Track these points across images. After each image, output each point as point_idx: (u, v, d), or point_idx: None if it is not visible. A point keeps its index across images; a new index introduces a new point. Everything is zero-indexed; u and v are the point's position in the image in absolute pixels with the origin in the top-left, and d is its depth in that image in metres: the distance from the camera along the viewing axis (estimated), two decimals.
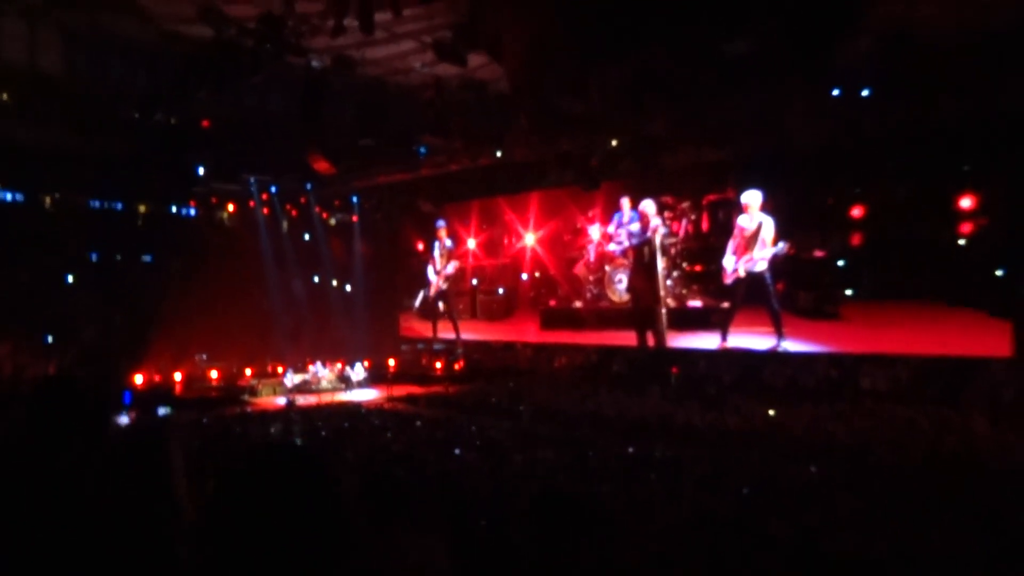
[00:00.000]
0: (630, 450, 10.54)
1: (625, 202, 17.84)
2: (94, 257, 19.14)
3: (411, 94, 16.67)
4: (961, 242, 13.48)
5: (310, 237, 22.95)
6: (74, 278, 18.43)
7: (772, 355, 15.53)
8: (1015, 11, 10.59)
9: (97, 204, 19.28)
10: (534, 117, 14.24)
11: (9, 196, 17.89)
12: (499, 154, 17.17)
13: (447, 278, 22.05)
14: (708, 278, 17.05)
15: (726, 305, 16.29)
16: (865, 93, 12.58)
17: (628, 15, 9.79)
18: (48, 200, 18.31)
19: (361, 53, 14.18)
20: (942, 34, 11.42)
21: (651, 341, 17.63)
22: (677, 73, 11.18)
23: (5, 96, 15.70)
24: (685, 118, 13.84)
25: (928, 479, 8.84)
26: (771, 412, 13.05)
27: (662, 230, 17.01)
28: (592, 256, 19.32)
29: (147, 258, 20.04)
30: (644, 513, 6.97)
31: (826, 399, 13.88)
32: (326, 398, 18.51)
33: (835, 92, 12.67)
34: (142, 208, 19.92)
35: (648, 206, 17.02)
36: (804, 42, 9.39)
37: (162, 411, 15.87)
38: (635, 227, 17.41)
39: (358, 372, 20.90)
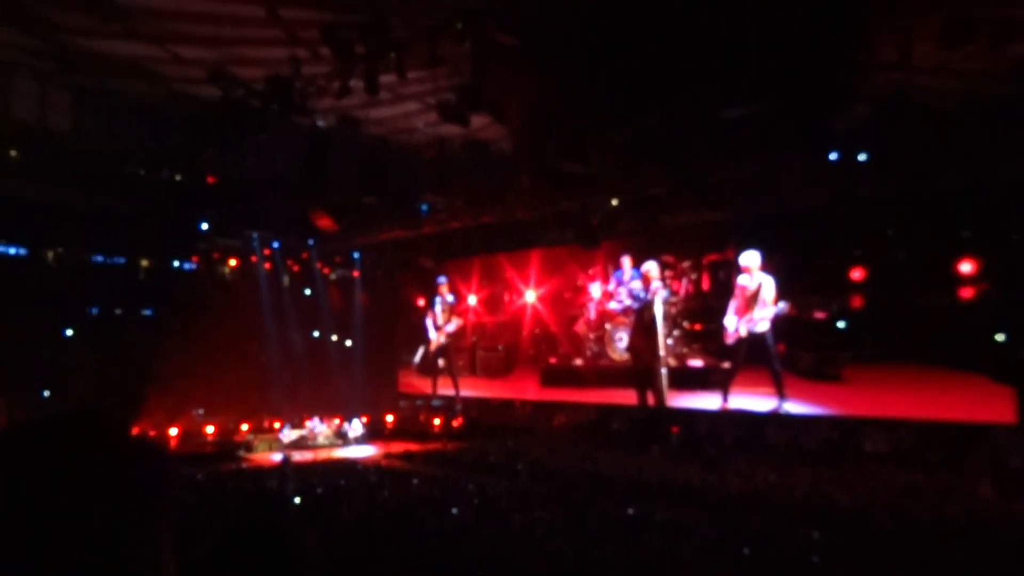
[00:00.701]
0: (629, 511, 10.41)
1: (626, 260, 17.95)
2: (94, 311, 19.15)
3: (414, 153, 16.92)
4: (962, 306, 13.50)
5: (311, 292, 23.00)
6: (73, 332, 18.42)
7: (773, 417, 15.44)
8: (1012, 80, 10.82)
9: (100, 259, 19.39)
10: (535, 177, 14.42)
11: (12, 250, 18.01)
12: (500, 213, 17.34)
13: (448, 334, 22.03)
14: (709, 337, 17.04)
15: (727, 365, 16.25)
16: (863, 157, 12.77)
17: (627, 84, 10.00)
18: (51, 255, 18.42)
19: (366, 113, 14.44)
20: (940, 100, 11.66)
21: (651, 400, 17.54)
22: (675, 139, 11.37)
23: (13, 153, 15.91)
24: (684, 181, 14.01)
25: (930, 545, 8.71)
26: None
27: (663, 293, 17.03)
28: (592, 314, 19.34)
29: (147, 312, 20.05)
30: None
31: (828, 462, 13.76)
32: (323, 454, 18.33)
33: (832, 156, 12.85)
34: (144, 263, 20.02)
35: (651, 268, 17.07)
36: (801, 113, 9.56)
37: None
38: (636, 286, 17.45)
39: (356, 428, 20.74)
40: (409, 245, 21.39)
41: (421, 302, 23.17)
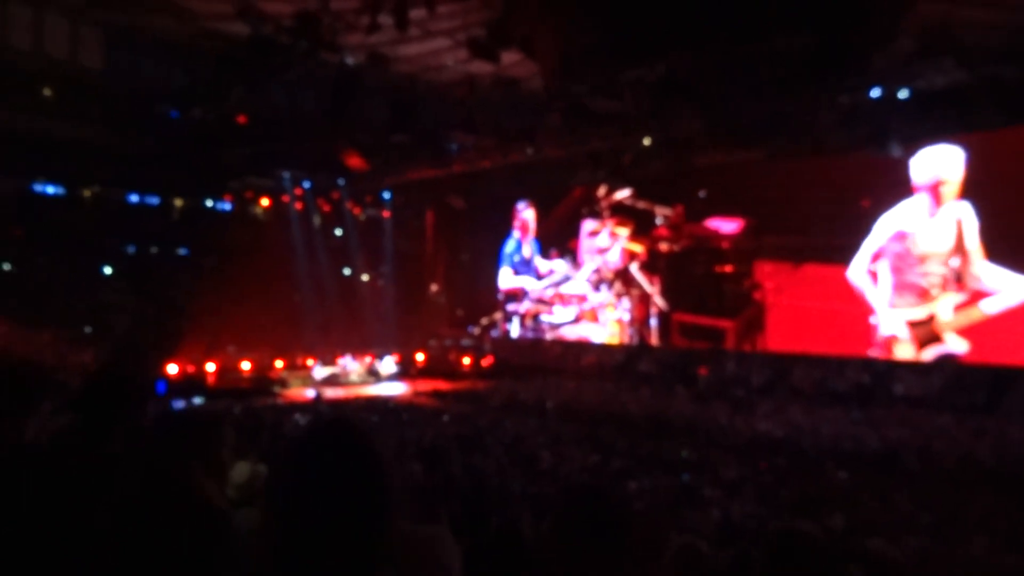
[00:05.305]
0: (656, 451, 10.49)
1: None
2: (131, 250, 19.46)
3: (443, 91, 16.72)
4: None
5: (342, 232, 23.09)
6: (111, 270, 18.76)
7: (803, 358, 15.34)
8: None
9: (134, 198, 19.60)
10: (566, 115, 14.21)
11: (51, 189, 18.27)
12: (530, 151, 17.14)
13: None
14: None
15: None
16: (904, 95, 12.34)
17: (660, 18, 9.74)
18: (87, 194, 18.65)
19: (394, 51, 14.25)
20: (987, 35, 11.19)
21: None
22: (709, 76, 11.08)
23: (47, 91, 16.00)
24: (716, 119, 13.67)
25: (959, 488, 8.70)
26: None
27: None
28: None
29: (182, 251, 20.32)
30: (669, 515, 6.93)
31: (857, 404, 13.67)
32: (355, 392, 18.64)
33: (874, 94, 12.42)
34: (178, 202, 20.20)
35: None
36: (840, 48, 9.25)
37: (196, 400, 16.13)
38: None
39: (387, 366, 21.01)
40: (439, 184, 21.29)
41: None
